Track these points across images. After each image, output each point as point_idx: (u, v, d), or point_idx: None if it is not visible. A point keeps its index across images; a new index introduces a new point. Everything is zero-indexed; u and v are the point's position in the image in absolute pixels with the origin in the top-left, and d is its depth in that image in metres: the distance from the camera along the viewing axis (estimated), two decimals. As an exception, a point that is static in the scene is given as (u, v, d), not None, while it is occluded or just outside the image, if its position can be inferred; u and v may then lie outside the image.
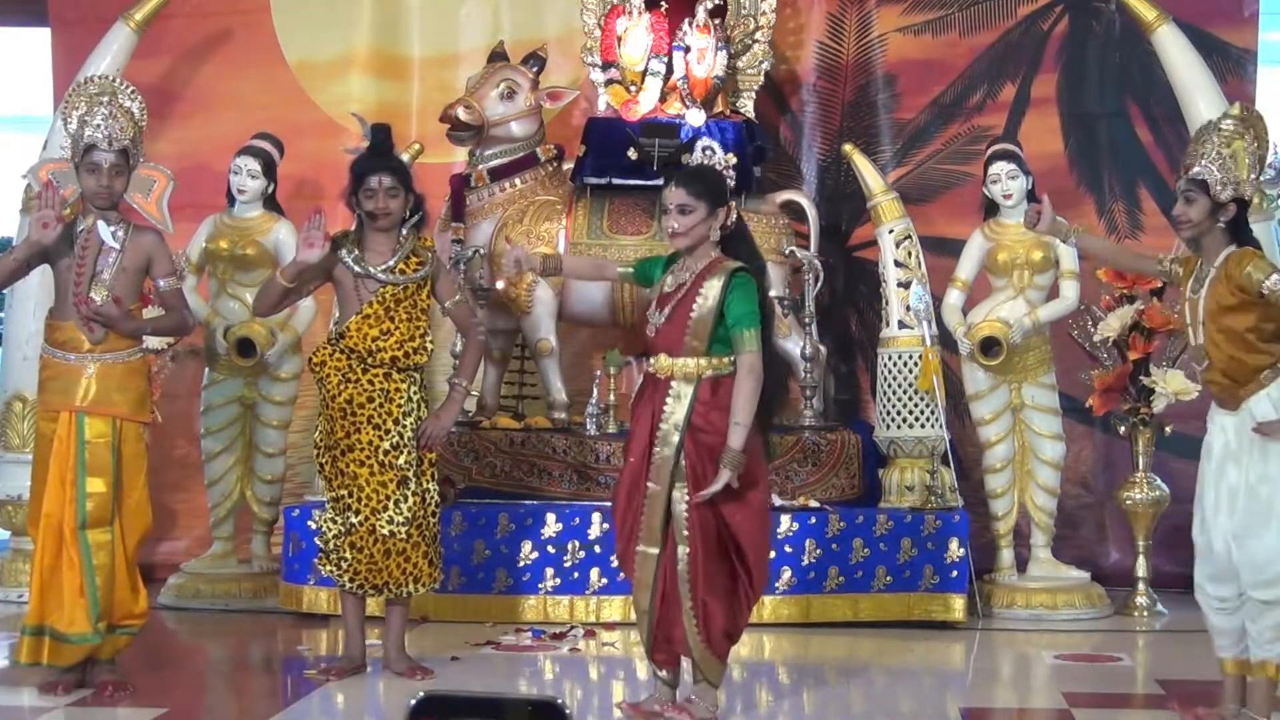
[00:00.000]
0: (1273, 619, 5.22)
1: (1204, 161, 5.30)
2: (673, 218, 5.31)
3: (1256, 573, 5.24)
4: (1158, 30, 7.76)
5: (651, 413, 5.32)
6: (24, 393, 7.52)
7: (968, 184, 8.18)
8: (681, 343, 5.29)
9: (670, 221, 5.32)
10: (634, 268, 5.66)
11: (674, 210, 5.31)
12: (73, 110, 5.81)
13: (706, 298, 5.26)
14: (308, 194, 8.21)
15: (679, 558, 5.27)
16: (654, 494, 5.28)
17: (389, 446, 5.95)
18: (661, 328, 5.32)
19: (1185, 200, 5.33)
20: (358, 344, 5.95)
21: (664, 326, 5.32)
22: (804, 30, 8.51)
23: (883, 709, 5.93)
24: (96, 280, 5.73)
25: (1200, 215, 5.30)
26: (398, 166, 6.09)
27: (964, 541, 7.15)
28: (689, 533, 5.25)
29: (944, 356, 7.54)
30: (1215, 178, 5.27)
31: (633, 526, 5.35)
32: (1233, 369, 5.25)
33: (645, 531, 5.30)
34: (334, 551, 6.04)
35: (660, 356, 5.34)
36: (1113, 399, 7.59)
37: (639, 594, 5.36)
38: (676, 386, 5.29)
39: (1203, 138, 5.40)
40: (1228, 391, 5.29)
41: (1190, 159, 5.37)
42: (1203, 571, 5.41)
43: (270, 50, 8.52)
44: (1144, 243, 8.09)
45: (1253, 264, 5.19)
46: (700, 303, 5.26)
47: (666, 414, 5.27)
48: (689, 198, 5.29)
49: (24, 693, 5.81)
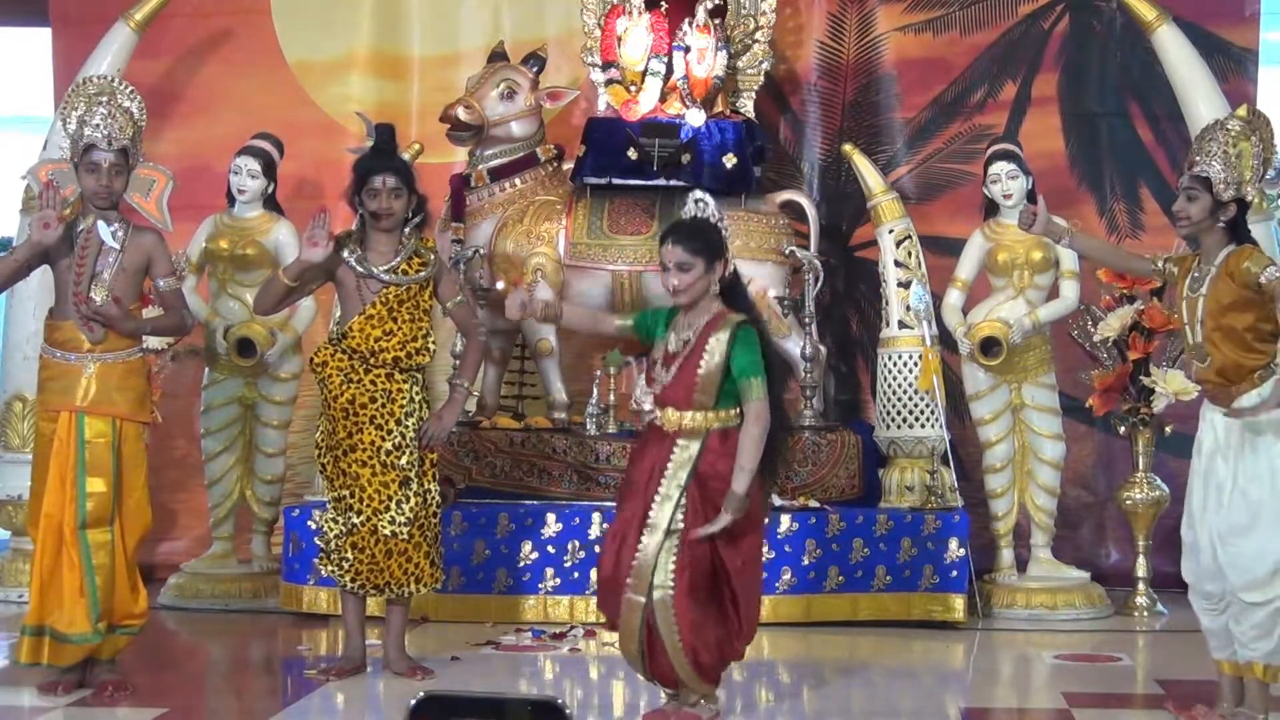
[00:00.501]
0: (1254, 619, 5.22)
1: (1209, 159, 5.31)
2: (673, 275, 5.31)
3: (1242, 574, 5.24)
4: (1158, 29, 7.76)
5: (652, 466, 5.32)
6: (24, 393, 7.52)
7: (968, 184, 8.18)
8: (691, 399, 5.30)
9: (670, 279, 5.32)
10: (633, 321, 5.59)
11: (673, 268, 5.31)
12: (72, 110, 5.81)
13: (713, 354, 5.27)
14: (308, 194, 8.22)
15: (657, 585, 5.25)
16: (648, 546, 5.26)
17: (391, 447, 5.95)
18: (668, 385, 5.32)
19: (1187, 197, 5.33)
20: (360, 344, 5.95)
21: (671, 384, 5.32)
22: (804, 30, 8.51)
23: (883, 709, 5.93)
24: (96, 280, 5.73)
25: (1200, 213, 5.30)
26: (401, 167, 6.08)
27: (964, 541, 7.15)
28: (674, 572, 5.24)
29: (944, 356, 7.54)
30: (1219, 176, 5.28)
31: (618, 577, 5.32)
32: (1229, 368, 5.25)
33: (635, 580, 5.27)
34: (335, 552, 6.04)
35: (668, 411, 5.33)
36: (1113, 399, 7.59)
37: (627, 642, 5.35)
38: (684, 442, 5.30)
39: (1208, 136, 5.40)
40: (1221, 389, 5.29)
41: (1194, 156, 5.37)
42: (1189, 568, 5.42)
43: (270, 50, 8.52)
44: (1145, 242, 8.09)
45: (1250, 258, 5.21)
46: (707, 359, 5.27)
47: (671, 470, 5.28)
48: (687, 255, 5.28)
49: (24, 693, 5.80)
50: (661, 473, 5.29)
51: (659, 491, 5.28)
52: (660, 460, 5.31)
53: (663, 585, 5.25)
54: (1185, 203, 5.33)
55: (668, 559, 5.26)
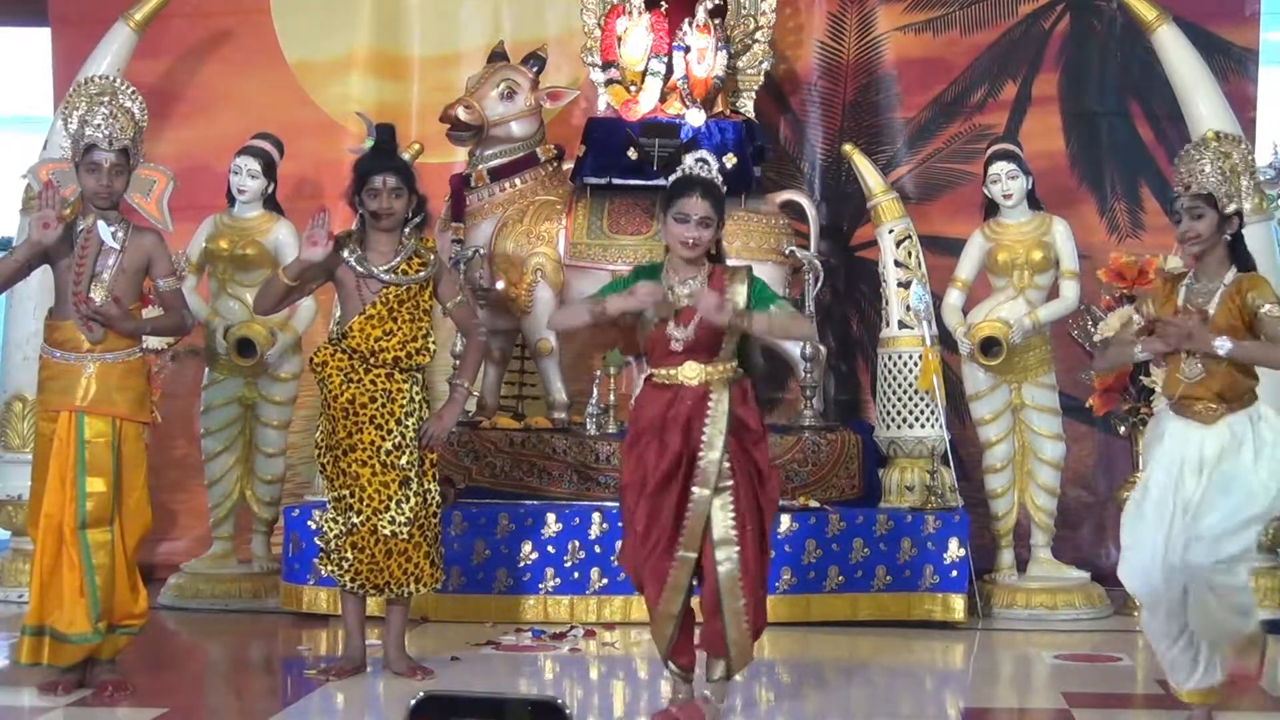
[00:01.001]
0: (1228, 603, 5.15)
1: (1203, 176, 5.28)
2: (693, 228, 5.32)
3: (1211, 551, 5.11)
4: (1158, 29, 7.76)
5: (684, 419, 5.29)
6: (24, 393, 7.52)
7: (968, 183, 8.18)
8: (718, 349, 5.33)
9: (692, 232, 5.31)
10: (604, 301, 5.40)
11: (695, 222, 5.32)
12: (73, 110, 5.81)
13: (737, 305, 5.32)
14: (308, 194, 8.22)
15: (724, 559, 5.26)
16: (700, 499, 5.27)
17: (391, 447, 5.95)
18: (690, 340, 5.31)
19: (1193, 216, 5.26)
20: (360, 344, 5.95)
21: (694, 338, 5.30)
22: (804, 30, 8.52)
23: (883, 709, 5.93)
24: (96, 280, 5.73)
25: (1209, 229, 5.27)
26: (402, 166, 6.08)
27: (964, 541, 7.15)
28: (737, 533, 5.28)
29: (944, 356, 7.54)
30: (1221, 190, 5.26)
31: (661, 535, 5.30)
32: (1228, 388, 5.22)
33: (688, 537, 5.28)
34: (335, 551, 6.04)
35: (687, 365, 5.33)
36: (1113, 399, 7.59)
37: (671, 598, 5.31)
38: (716, 393, 5.31)
39: (1195, 156, 5.35)
40: (1208, 409, 5.24)
41: (1188, 177, 5.31)
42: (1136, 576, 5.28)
43: (270, 50, 8.52)
44: (1145, 242, 8.10)
45: (1258, 288, 5.20)
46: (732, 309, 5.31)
47: (711, 419, 5.28)
48: (712, 211, 5.34)
49: (24, 693, 5.80)
50: (701, 423, 5.27)
51: (703, 440, 5.27)
52: (692, 412, 5.28)
53: (725, 540, 5.26)
54: (1192, 221, 5.27)
55: (724, 514, 5.27)
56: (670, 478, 5.30)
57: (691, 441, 5.29)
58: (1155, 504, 5.27)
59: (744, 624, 5.30)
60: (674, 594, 5.32)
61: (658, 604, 5.35)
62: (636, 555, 5.39)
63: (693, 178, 5.41)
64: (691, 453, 5.29)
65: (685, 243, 5.33)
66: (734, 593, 5.27)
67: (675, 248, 5.37)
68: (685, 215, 5.33)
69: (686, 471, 5.29)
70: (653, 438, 5.35)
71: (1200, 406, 5.25)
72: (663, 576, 5.32)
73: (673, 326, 5.33)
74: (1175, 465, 5.25)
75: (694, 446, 5.29)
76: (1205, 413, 5.24)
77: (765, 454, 5.42)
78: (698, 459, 5.28)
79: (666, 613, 5.34)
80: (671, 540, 5.30)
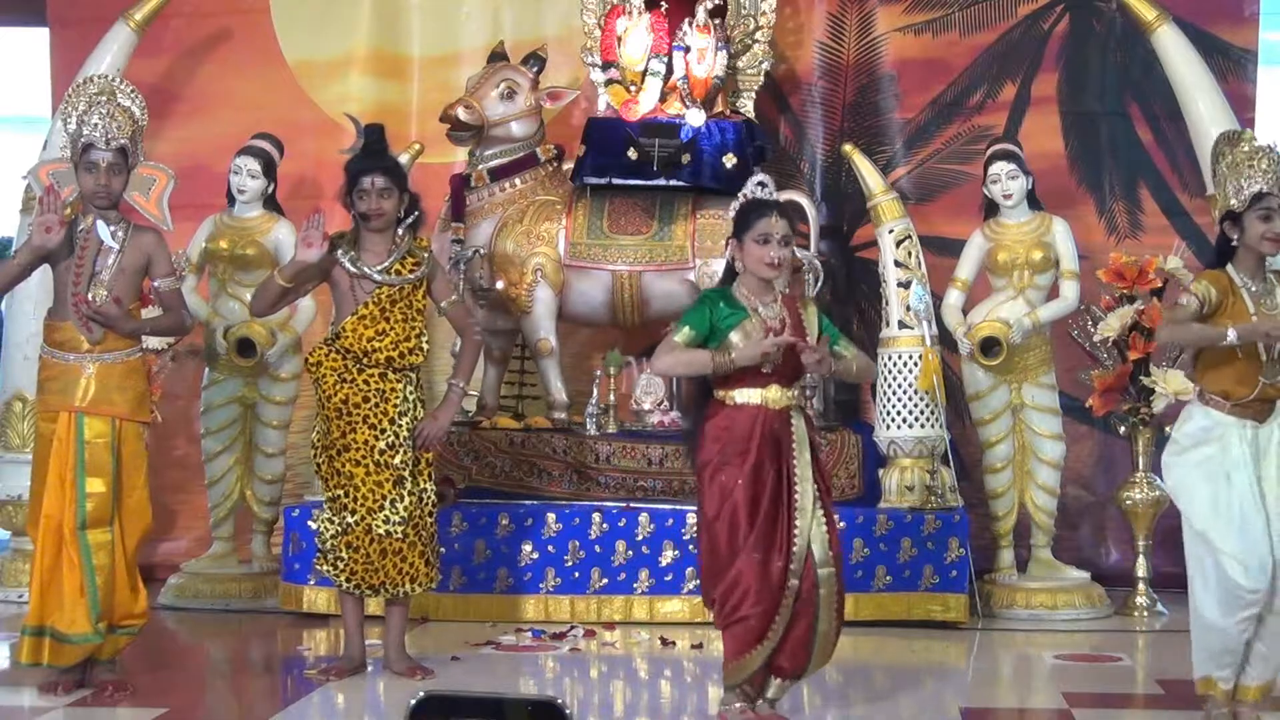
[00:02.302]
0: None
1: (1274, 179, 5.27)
2: (776, 248, 5.31)
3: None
4: (1158, 30, 7.76)
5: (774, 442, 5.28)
6: (24, 393, 7.52)
7: (968, 184, 8.18)
8: (799, 374, 5.37)
9: (776, 252, 5.30)
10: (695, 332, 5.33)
11: (778, 241, 5.32)
12: (72, 110, 5.81)
13: (813, 333, 5.37)
14: (307, 194, 8.21)
15: (824, 580, 5.28)
16: (805, 529, 5.26)
17: (385, 446, 5.94)
18: (780, 364, 5.28)
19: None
20: (353, 344, 5.95)
21: (784, 362, 5.28)
22: (804, 30, 8.51)
23: (883, 709, 5.92)
24: (95, 280, 5.72)
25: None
26: (391, 167, 6.07)
27: (964, 541, 7.15)
28: (832, 552, 5.31)
29: (944, 356, 7.53)
30: None
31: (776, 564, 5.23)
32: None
33: (797, 564, 5.25)
34: (331, 551, 6.04)
35: (772, 388, 5.31)
36: (1113, 399, 7.58)
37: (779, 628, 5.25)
38: (796, 418, 5.35)
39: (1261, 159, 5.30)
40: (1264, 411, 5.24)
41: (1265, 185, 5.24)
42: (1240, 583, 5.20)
43: (270, 50, 8.52)
44: (1144, 242, 8.10)
45: None
46: (810, 336, 5.36)
47: (799, 444, 5.32)
48: (789, 230, 5.39)
49: (24, 693, 5.81)
50: (791, 447, 5.30)
51: (795, 469, 5.30)
52: (779, 435, 5.30)
53: (825, 563, 5.28)
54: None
55: (820, 535, 5.30)
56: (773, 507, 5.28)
57: (784, 466, 5.29)
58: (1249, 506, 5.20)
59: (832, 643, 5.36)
60: (782, 623, 5.26)
61: (765, 634, 5.25)
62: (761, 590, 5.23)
63: (764, 200, 5.47)
64: (789, 479, 5.29)
65: (771, 263, 5.31)
66: (831, 612, 5.30)
67: (759, 270, 5.33)
68: (767, 236, 5.32)
69: (787, 499, 5.28)
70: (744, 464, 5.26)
71: (1266, 406, 5.23)
72: (775, 609, 5.25)
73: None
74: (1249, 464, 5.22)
75: (789, 472, 5.29)
76: (1264, 410, 5.23)
77: (828, 474, 5.52)
78: (794, 489, 5.28)
79: (773, 642, 5.27)
80: (785, 571, 5.26)
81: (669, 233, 7.61)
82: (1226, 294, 5.27)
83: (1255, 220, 5.26)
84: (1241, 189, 5.30)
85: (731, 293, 5.38)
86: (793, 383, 5.36)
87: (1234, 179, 5.33)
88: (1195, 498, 5.30)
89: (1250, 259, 5.30)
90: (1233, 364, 5.26)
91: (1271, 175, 5.29)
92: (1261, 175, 5.29)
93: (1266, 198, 5.26)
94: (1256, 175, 5.30)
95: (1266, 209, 5.25)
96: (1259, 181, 5.28)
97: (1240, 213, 5.29)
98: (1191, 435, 5.34)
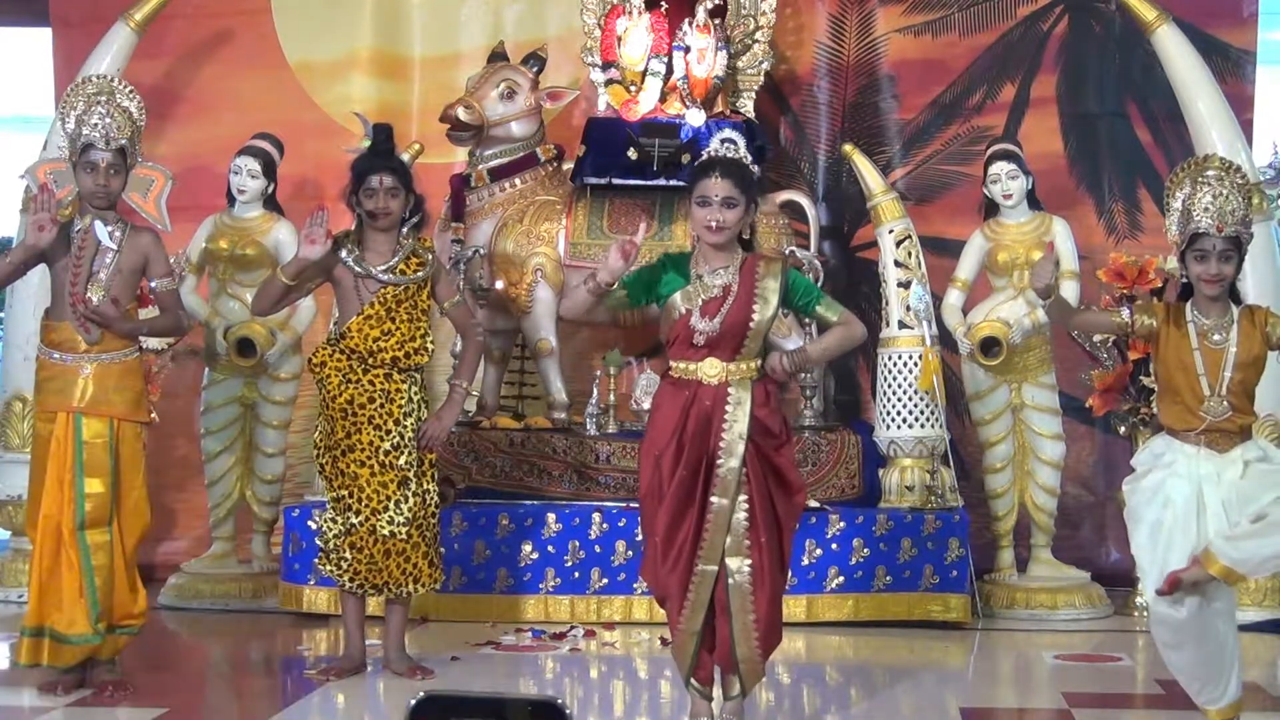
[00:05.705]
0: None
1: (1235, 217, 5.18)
2: (716, 211, 5.04)
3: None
4: (1157, 30, 7.76)
5: (703, 421, 5.05)
6: (24, 393, 7.51)
7: (968, 184, 8.19)
8: (740, 347, 5.08)
9: (714, 215, 5.05)
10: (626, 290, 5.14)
11: (718, 203, 5.05)
12: (70, 109, 5.81)
13: (768, 300, 5.09)
14: (308, 194, 8.22)
15: (735, 570, 5.04)
16: (721, 509, 5.03)
17: (389, 447, 5.95)
18: (714, 334, 5.06)
19: (1223, 259, 5.14)
20: (359, 344, 5.95)
21: (719, 332, 5.06)
22: (804, 30, 8.52)
23: (883, 709, 5.93)
24: (93, 280, 5.72)
25: (1233, 273, 5.21)
26: (398, 166, 6.09)
27: (964, 541, 7.15)
28: (750, 544, 5.04)
29: (944, 356, 7.54)
30: (1245, 231, 5.23)
31: (683, 547, 5.04)
32: (1242, 421, 5.20)
33: (708, 549, 5.02)
34: (334, 551, 6.04)
35: (708, 362, 5.07)
36: (1113, 399, 7.58)
37: (693, 615, 5.05)
38: (735, 393, 5.06)
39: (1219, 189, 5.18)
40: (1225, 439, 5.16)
41: (1218, 217, 5.15)
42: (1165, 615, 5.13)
43: (271, 51, 8.53)
44: (1143, 243, 8.10)
45: (1273, 320, 5.17)
46: (761, 306, 5.08)
47: (729, 423, 5.03)
48: (735, 190, 5.06)
49: (24, 693, 5.81)
50: (720, 426, 5.04)
51: (722, 446, 5.03)
52: (711, 413, 5.04)
53: (738, 551, 5.03)
54: (1221, 265, 5.14)
55: (739, 523, 5.03)
56: (690, 486, 5.06)
57: (710, 446, 5.04)
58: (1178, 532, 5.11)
59: (753, 641, 5.06)
60: (696, 610, 5.06)
61: (679, 620, 5.09)
62: (657, 569, 5.11)
63: (712, 159, 5.16)
64: (710, 459, 5.04)
65: (709, 226, 5.05)
66: (744, 607, 5.04)
67: (701, 234, 5.10)
68: (705, 198, 5.08)
69: (706, 479, 5.05)
70: (670, 442, 5.08)
71: (1220, 439, 5.15)
72: (684, 592, 5.06)
73: (697, 318, 5.08)
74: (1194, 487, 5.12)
75: (713, 452, 5.04)
76: (1223, 442, 5.18)
77: (789, 461, 5.17)
78: (716, 466, 5.04)
79: (689, 630, 5.08)
80: (693, 553, 5.04)
81: (669, 233, 7.62)
82: (1164, 325, 5.22)
83: (1192, 261, 5.21)
84: (1185, 228, 5.26)
85: (691, 256, 5.19)
86: (734, 356, 5.07)
87: (1181, 219, 5.28)
88: (1139, 528, 5.24)
89: (1201, 295, 5.25)
90: (1175, 397, 5.20)
91: (1221, 214, 5.22)
92: (1203, 213, 5.19)
93: (1202, 239, 5.17)
94: (1198, 213, 5.20)
95: (1201, 250, 5.18)
96: (1200, 220, 5.18)
97: (1184, 251, 5.27)
98: (1144, 462, 5.29)
